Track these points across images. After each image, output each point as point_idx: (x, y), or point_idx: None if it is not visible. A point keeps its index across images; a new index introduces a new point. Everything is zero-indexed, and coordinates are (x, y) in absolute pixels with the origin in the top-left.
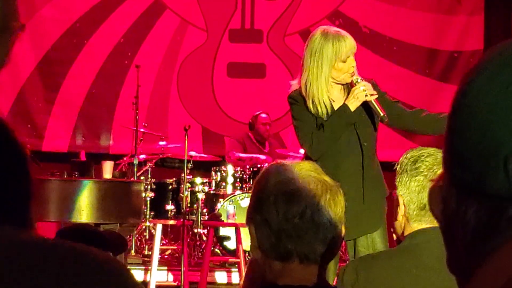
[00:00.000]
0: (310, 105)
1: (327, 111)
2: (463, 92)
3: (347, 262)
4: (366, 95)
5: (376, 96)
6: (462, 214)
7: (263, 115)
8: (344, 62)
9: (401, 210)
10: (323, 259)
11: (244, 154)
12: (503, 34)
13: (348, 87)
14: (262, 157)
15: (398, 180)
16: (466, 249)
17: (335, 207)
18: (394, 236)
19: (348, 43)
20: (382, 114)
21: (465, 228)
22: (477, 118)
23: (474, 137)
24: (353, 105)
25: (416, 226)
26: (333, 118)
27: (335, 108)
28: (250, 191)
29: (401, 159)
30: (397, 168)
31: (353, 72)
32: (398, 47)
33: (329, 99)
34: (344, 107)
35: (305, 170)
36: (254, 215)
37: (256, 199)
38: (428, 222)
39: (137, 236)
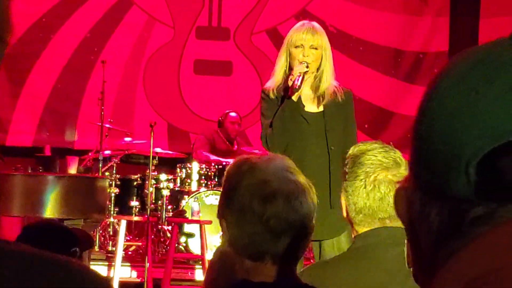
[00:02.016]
0: (270, 91)
1: (276, 98)
2: (429, 96)
3: (311, 262)
4: (292, 76)
5: (304, 70)
6: (425, 216)
7: (233, 114)
8: (297, 48)
9: (344, 211)
10: (295, 258)
11: (213, 157)
12: (468, 36)
13: (317, 84)
14: (231, 161)
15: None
16: (430, 250)
17: (308, 206)
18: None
19: (304, 31)
20: (298, 83)
21: (429, 230)
22: (441, 122)
23: (438, 141)
24: (294, 95)
25: (358, 229)
26: (278, 112)
27: (308, 107)
28: (215, 188)
29: (346, 156)
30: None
31: (305, 63)
32: (365, 47)
33: (281, 87)
34: (288, 100)
35: (279, 170)
36: (227, 214)
37: (229, 198)
38: (366, 225)
39: (101, 232)
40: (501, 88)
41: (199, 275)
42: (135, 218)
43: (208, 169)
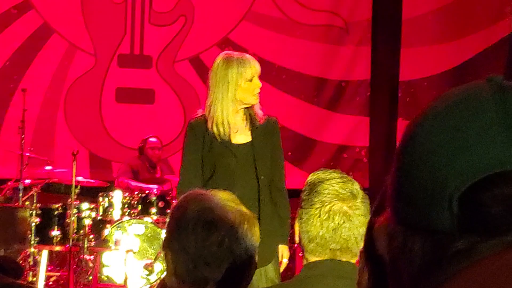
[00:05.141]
0: (212, 127)
1: (230, 131)
2: (410, 134)
3: None
4: None
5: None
6: (408, 250)
7: (152, 139)
8: (250, 81)
9: (297, 238)
10: (238, 287)
11: (134, 183)
12: (390, 65)
13: (251, 116)
14: (153, 187)
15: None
16: (411, 284)
17: (252, 236)
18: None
19: (253, 64)
20: None
21: (411, 264)
22: (424, 158)
23: (421, 176)
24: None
25: (309, 257)
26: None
27: (235, 138)
28: (138, 217)
29: (306, 181)
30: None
31: (258, 93)
32: (287, 76)
33: (233, 120)
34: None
35: (223, 200)
36: (172, 242)
37: (175, 226)
38: (317, 255)
39: (21, 262)
40: (481, 126)
41: None
42: (57, 248)
43: (131, 198)
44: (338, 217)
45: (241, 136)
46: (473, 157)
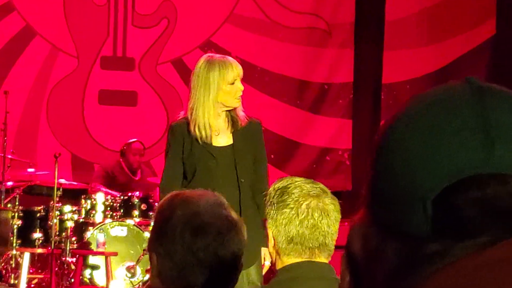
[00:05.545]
0: (194, 130)
1: (211, 134)
2: (385, 135)
3: None
4: None
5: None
6: (382, 252)
7: (136, 145)
8: (232, 84)
9: (271, 243)
10: None
11: (105, 189)
12: (372, 67)
13: (233, 118)
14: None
15: (266, 212)
16: (385, 286)
17: (238, 242)
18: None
19: (235, 66)
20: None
21: (385, 265)
22: (398, 162)
23: (396, 180)
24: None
25: (286, 260)
26: (188, 152)
27: (217, 140)
28: (120, 220)
29: (269, 190)
30: (266, 199)
31: (240, 96)
32: (270, 78)
33: (215, 123)
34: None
35: (211, 204)
36: (157, 246)
37: (161, 229)
38: (296, 255)
39: (3, 264)
40: (456, 128)
41: None
42: (39, 251)
43: (113, 200)
44: (316, 213)
45: (223, 138)
46: (447, 160)
